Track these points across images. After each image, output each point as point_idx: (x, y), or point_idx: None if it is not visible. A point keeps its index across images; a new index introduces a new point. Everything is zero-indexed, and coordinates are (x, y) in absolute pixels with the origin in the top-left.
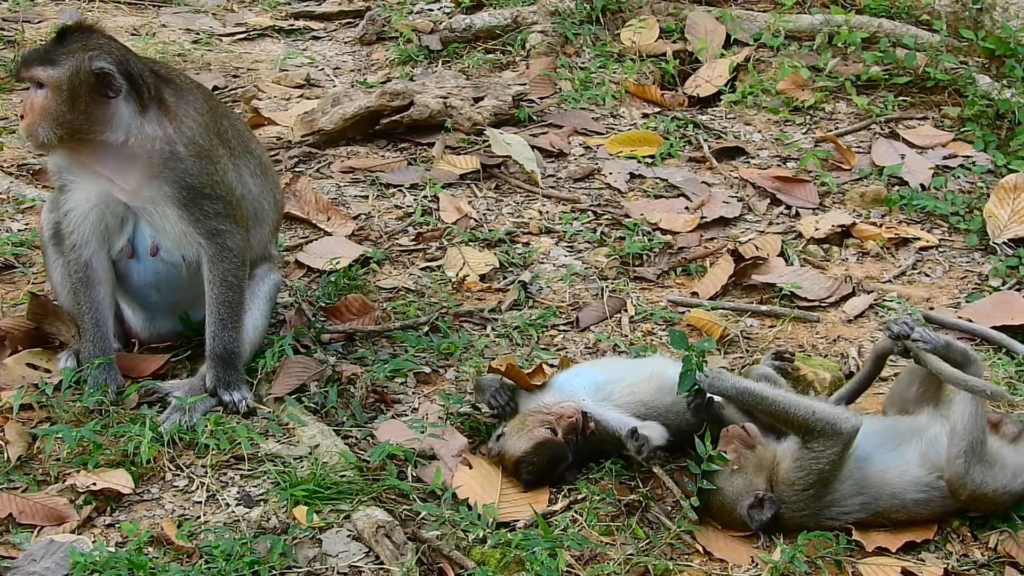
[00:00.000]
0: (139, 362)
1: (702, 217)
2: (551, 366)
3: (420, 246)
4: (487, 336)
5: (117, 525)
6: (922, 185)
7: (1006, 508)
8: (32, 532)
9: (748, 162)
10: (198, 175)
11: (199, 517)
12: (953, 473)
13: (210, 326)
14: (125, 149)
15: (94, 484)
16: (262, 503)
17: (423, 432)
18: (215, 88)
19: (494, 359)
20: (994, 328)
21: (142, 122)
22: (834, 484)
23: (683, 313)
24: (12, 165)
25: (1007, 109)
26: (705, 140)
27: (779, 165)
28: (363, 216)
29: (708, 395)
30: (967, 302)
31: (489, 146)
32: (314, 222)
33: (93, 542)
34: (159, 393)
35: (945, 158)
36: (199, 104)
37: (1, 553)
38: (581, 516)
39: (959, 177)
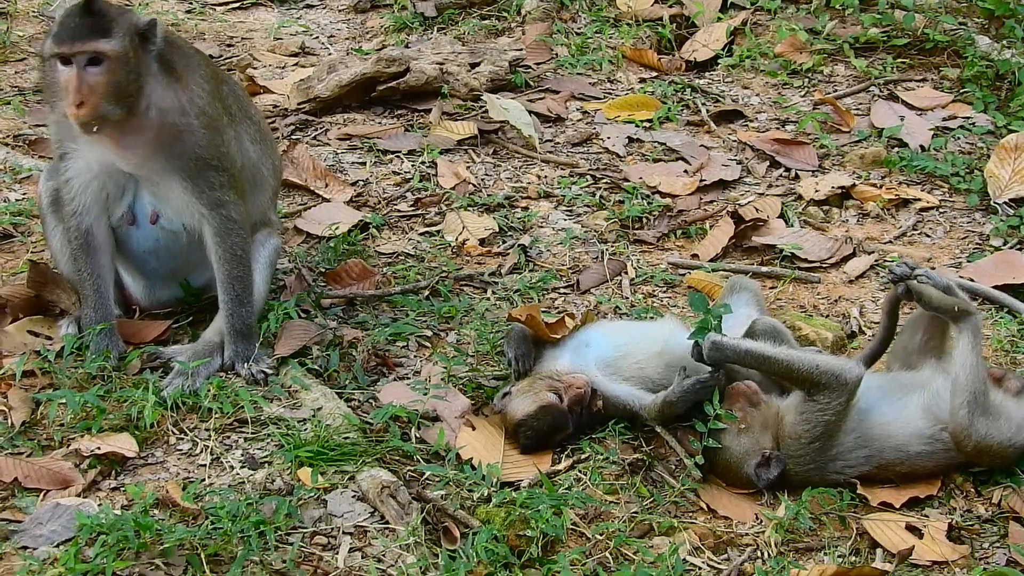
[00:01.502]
0: (140, 328)
1: (701, 180)
2: (572, 317)
3: (419, 211)
4: (488, 299)
5: (122, 488)
6: (922, 146)
7: (1011, 462)
8: (38, 496)
9: (747, 125)
10: (207, 147)
11: (204, 480)
12: (957, 424)
13: (226, 304)
14: (142, 119)
15: (98, 448)
16: (266, 465)
17: (426, 394)
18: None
19: (495, 322)
20: (995, 288)
21: (162, 91)
22: (839, 436)
23: (684, 275)
24: (8, 136)
25: (1007, 70)
26: (703, 104)
27: (778, 128)
28: (361, 182)
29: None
30: (968, 262)
31: (486, 112)
32: (312, 189)
33: (99, 505)
34: (162, 359)
35: (945, 119)
36: (203, 71)
37: (8, 517)
38: (585, 475)
39: (959, 138)
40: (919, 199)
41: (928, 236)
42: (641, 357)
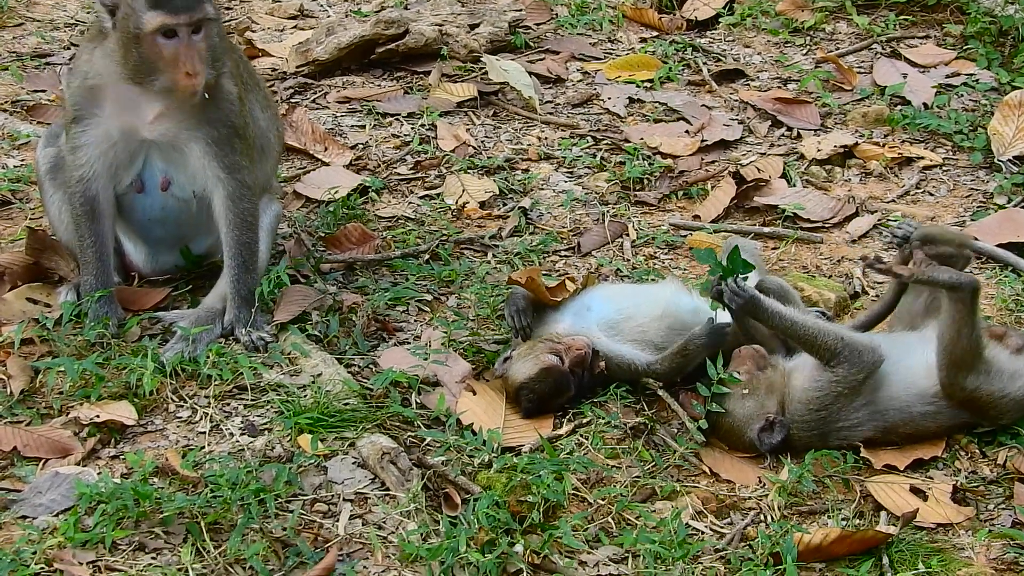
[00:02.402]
0: (140, 295)
1: (702, 140)
2: (572, 280)
3: (419, 175)
4: (488, 263)
5: (121, 457)
6: (925, 104)
7: (1010, 414)
8: (37, 465)
9: (748, 84)
10: (238, 113)
11: (203, 447)
12: (940, 382)
13: (232, 269)
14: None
15: (97, 416)
16: (266, 432)
17: (426, 359)
18: None
19: (496, 286)
20: (999, 246)
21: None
22: (848, 407)
23: (685, 236)
24: (6, 101)
25: (1010, 26)
26: (704, 63)
27: (780, 87)
28: (360, 146)
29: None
30: (972, 220)
31: (486, 73)
32: (311, 152)
33: (98, 473)
34: (163, 323)
35: (948, 76)
36: (224, 34)
37: (7, 486)
38: (587, 440)
39: (962, 95)
40: (922, 157)
41: (931, 195)
42: (643, 320)
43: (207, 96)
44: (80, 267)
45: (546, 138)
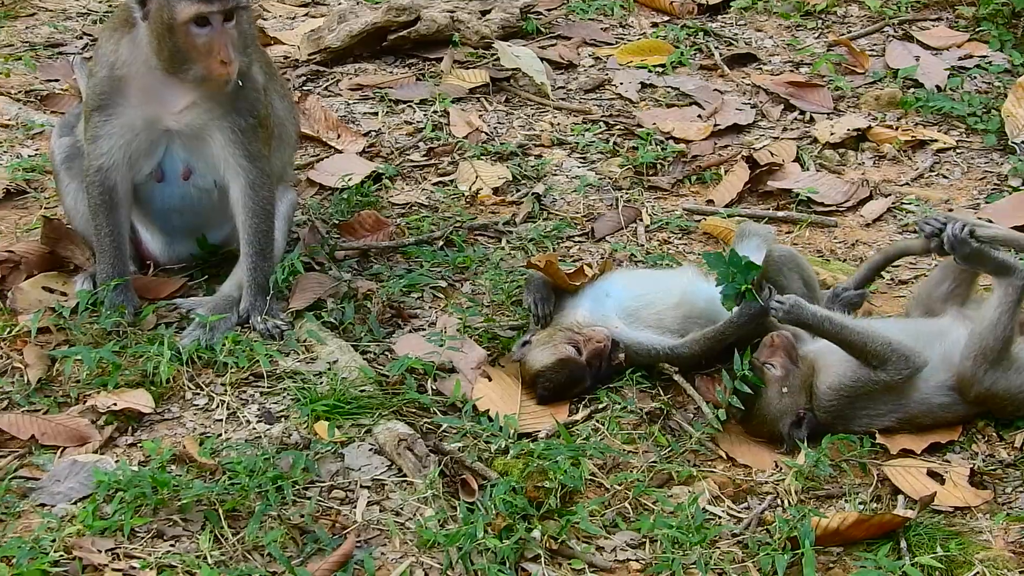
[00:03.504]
0: (156, 284)
1: (715, 125)
2: (589, 266)
3: (432, 161)
4: (502, 249)
5: (139, 444)
6: (938, 87)
7: (1021, 408)
8: (55, 453)
9: (760, 68)
10: (261, 102)
11: (220, 435)
12: (963, 371)
13: (249, 257)
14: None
15: (115, 404)
16: (283, 419)
17: (442, 345)
18: None
19: (510, 272)
20: (1014, 228)
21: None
22: (876, 399)
23: (699, 221)
24: (20, 92)
25: (1023, 7)
26: (716, 48)
27: (792, 70)
28: (373, 133)
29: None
30: (986, 203)
31: (498, 59)
32: (324, 140)
33: (116, 461)
34: (180, 311)
35: (961, 59)
36: (252, 21)
37: (25, 474)
38: (603, 425)
39: (975, 77)
40: (936, 140)
41: (945, 177)
42: (661, 307)
43: (240, 83)
44: (96, 256)
45: (559, 124)
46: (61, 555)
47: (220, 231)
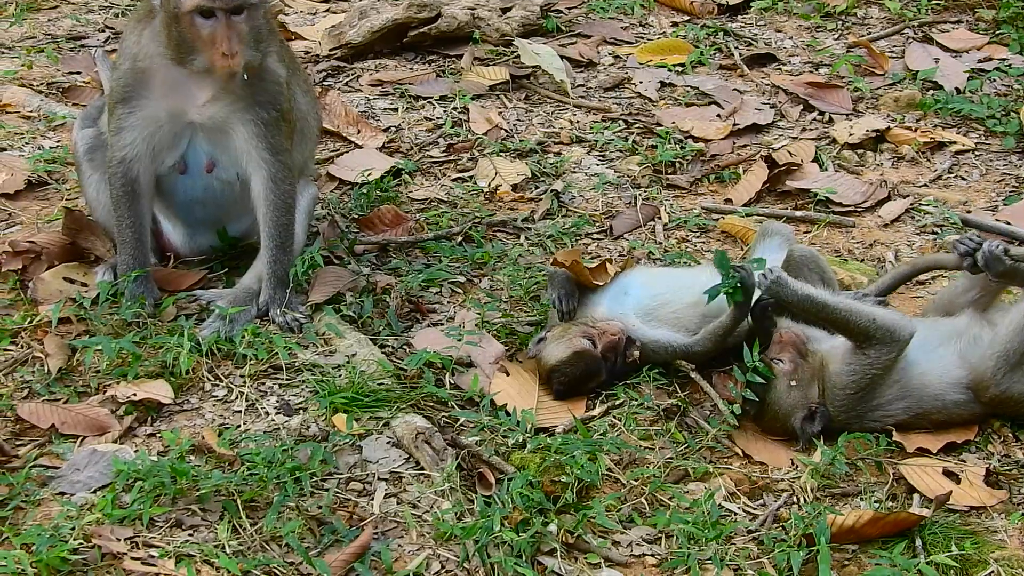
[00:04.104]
0: (176, 276)
1: (734, 124)
2: (611, 263)
3: (451, 157)
4: (521, 245)
5: (158, 434)
6: (957, 89)
7: None
8: (75, 442)
9: (780, 69)
10: (284, 96)
11: (239, 426)
12: (981, 372)
13: (269, 250)
14: (264, 65)
15: (134, 395)
16: (301, 411)
17: (460, 340)
18: None
19: (528, 268)
20: None
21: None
22: (882, 388)
23: (717, 220)
24: (42, 83)
25: None
26: (736, 47)
27: (811, 71)
28: (393, 128)
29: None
30: (1005, 205)
31: (518, 57)
32: (344, 135)
33: (135, 451)
34: (200, 302)
35: (980, 61)
36: (271, 16)
37: (45, 463)
38: (620, 421)
39: (994, 80)
40: (954, 142)
41: (964, 179)
42: (678, 306)
43: (245, 77)
44: (117, 247)
45: (578, 121)
46: (80, 543)
47: (241, 224)
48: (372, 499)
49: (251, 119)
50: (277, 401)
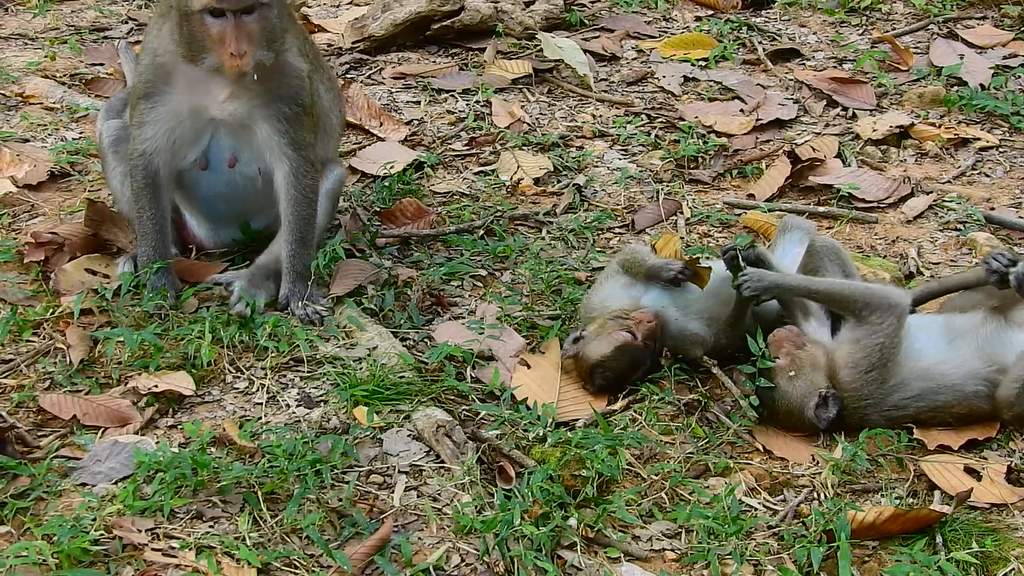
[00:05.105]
0: (197, 268)
1: (757, 119)
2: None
3: (473, 151)
4: (543, 239)
5: (179, 426)
6: (982, 85)
7: None
8: (96, 433)
9: (803, 64)
10: (306, 91)
11: (260, 418)
12: (1005, 395)
13: (289, 244)
14: (279, 64)
15: (156, 386)
16: (322, 404)
17: (481, 333)
18: None
19: (550, 262)
20: None
21: (289, 35)
22: (895, 370)
23: (739, 215)
24: (65, 75)
25: None
26: (760, 42)
27: (835, 67)
28: (416, 121)
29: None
30: None
31: (541, 50)
32: (367, 128)
33: (156, 443)
34: (220, 286)
35: (1005, 58)
36: (288, 13)
37: (67, 454)
38: (640, 416)
39: (1019, 77)
40: (978, 138)
41: (988, 176)
42: (711, 302)
43: (256, 77)
44: (138, 238)
45: (600, 116)
46: (101, 534)
47: (264, 218)
48: (392, 492)
49: (273, 114)
50: (298, 393)
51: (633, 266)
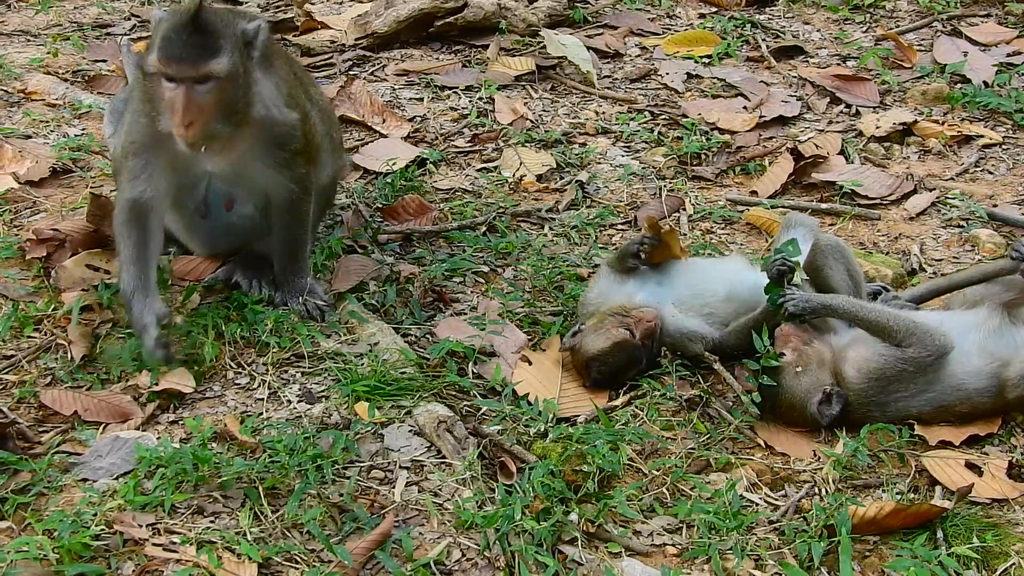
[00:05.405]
0: (196, 264)
1: (760, 116)
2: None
3: (476, 147)
4: (545, 235)
5: (181, 422)
6: (985, 82)
7: None
8: (97, 429)
9: (807, 61)
10: (300, 136)
11: (261, 414)
12: (1011, 377)
13: (281, 259)
14: (247, 127)
15: (156, 385)
16: (324, 400)
17: (483, 329)
18: None
19: (552, 258)
20: None
21: (263, 91)
22: (907, 380)
23: (742, 212)
24: (67, 71)
25: None
26: (763, 40)
27: (839, 64)
28: (418, 118)
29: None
30: None
31: (544, 47)
32: (369, 124)
33: (157, 438)
34: (220, 281)
35: (1009, 55)
36: (282, 53)
37: (68, 449)
38: (642, 411)
39: (1023, 74)
40: (982, 136)
41: (991, 173)
42: (710, 299)
43: (203, 150)
44: (120, 266)
45: (603, 112)
46: (102, 529)
47: (266, 243)
48: (393, 487)
49: (266, 162)
50: (299, 389)
51: (615, 262)
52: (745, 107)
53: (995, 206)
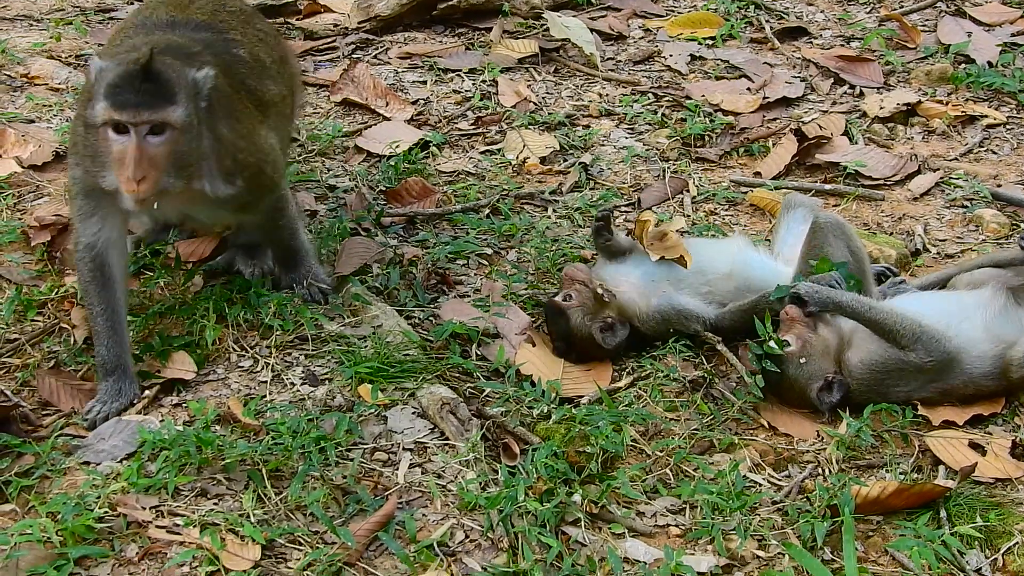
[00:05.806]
0: (197, 245)
1: (764, 97)
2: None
3: (479, 130)
4: (548, 217)
5: (184, 405)
6: (989, 63)
7: None
8: None
9: (811, 42)
10: (259, 173)
11: (265, 396)
12: (1016, 357)
13: (275, 252)
14: (200, 180)
15: (158, 372)
16: (327, 382)
17: (486, 311)
18: None
19: (556, 240)
20: None
21: (214, 138)
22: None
23: (746, 193)
24: (70, 56)
25: None
26: (767, 21)
27: (843, 45)
28: (422, 101)
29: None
30: None
31: (547, 30)
32: (373, 107)
33: (161, 421)
34: (220, 266)
35: (1013, 35)
36: (222, 86)
37: (71, 432)
38: (645, 392)
39: None
40: (986, 116)
41: (995, 153)
42: (711, 276)
43: (156, 206)
44: (93, 336)
45: (607, 95)
46: (106, 511)
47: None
48: (397, 469)
49: (226, 209)
50: (303, 372)
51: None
52: (749, 88)
53: (999, 186)
